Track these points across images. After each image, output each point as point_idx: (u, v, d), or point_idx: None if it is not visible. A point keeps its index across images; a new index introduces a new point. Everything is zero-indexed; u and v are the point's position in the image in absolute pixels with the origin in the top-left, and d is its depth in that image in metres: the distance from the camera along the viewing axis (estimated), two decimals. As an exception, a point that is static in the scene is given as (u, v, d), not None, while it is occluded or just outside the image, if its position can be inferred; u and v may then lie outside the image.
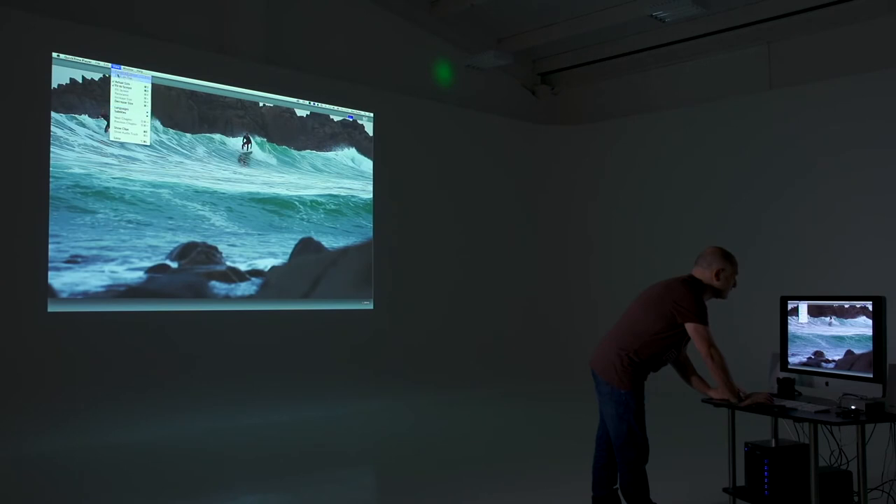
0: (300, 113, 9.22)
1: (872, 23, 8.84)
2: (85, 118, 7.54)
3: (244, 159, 8.67)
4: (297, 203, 9.08)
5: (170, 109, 8.14)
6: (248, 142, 8.74)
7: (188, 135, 8.29)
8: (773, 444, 4.11)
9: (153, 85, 8.01)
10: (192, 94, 8.32)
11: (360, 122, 9.73)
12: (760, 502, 4.03)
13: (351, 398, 8.32)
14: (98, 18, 7.69)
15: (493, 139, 11.18)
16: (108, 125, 7.69)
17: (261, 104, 8.86)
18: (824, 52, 9.25)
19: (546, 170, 11.71)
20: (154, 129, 8.02)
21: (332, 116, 9.50)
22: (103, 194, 7.58)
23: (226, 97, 8.56)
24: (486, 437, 6.79)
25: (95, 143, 7.59)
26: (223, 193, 8.47)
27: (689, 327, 3.85)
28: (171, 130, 8.15)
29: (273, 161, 8.96)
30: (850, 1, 8.83)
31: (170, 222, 7.98)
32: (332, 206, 9.42)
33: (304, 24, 9.29)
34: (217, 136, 8.49)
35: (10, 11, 7.08)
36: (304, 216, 9.13)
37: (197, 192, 8.25)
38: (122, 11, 7.91)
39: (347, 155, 9.63)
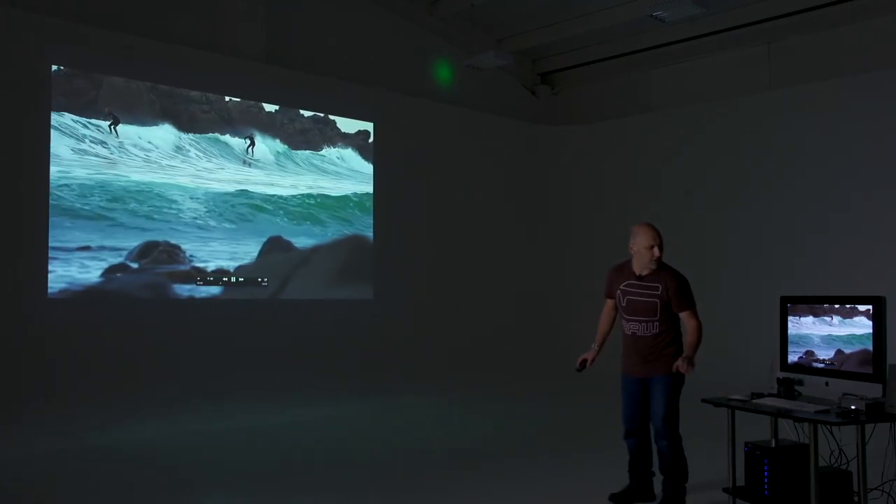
0: (312, 115, 9.23)
1: (872, 23, 8.83)
2: (75, 116, 7.52)
3: (248, 160, 8.68)
4: (295, 202, 9.08)
5: (166, 109, 8.12)
6: (253, 144, 8.74)
7: (185, 134, 8.27)
8: (773, 444, 4.11)
9: (149, 84, 8.00)
10: (190, 95, 8.29)
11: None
12: (760, 502, 4.03)
13: (351, 397, 8.30)
14: (97, 19, 7.69)
15: (493, 139, 11.18)
16: (111, 124, 7.71)
17: (258, 104, 8.87)
18: (824, 52, 9.24)
19: (546, 170, 11.70)
20: (145, 128, 8.01)
21: (330, 116, 9.49)
22: (80, 193, 7.50)
23: (223, 97, 8.54)
24: (486, 436, 6.79)
25: (77, 142, 7.53)
26: (213, 192, 8.43)
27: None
28: (160, 128, 8.08)
29: (272, 160, 8.97)
30: (850, 1, 8.83)
31: (141, 221, 7.86)
32: (330, 206, 9.42)
33: (304, 25, 9.29)
34: (215, 136, 8.48)
35: (10, 11, 7.09)
36: (297, 215, 9.12)
37: (183, 190, 8.17)
38: (121, 12, 7.91)
39: (346, 155, 9.63)
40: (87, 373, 7.25)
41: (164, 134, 8.12)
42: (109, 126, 7.69)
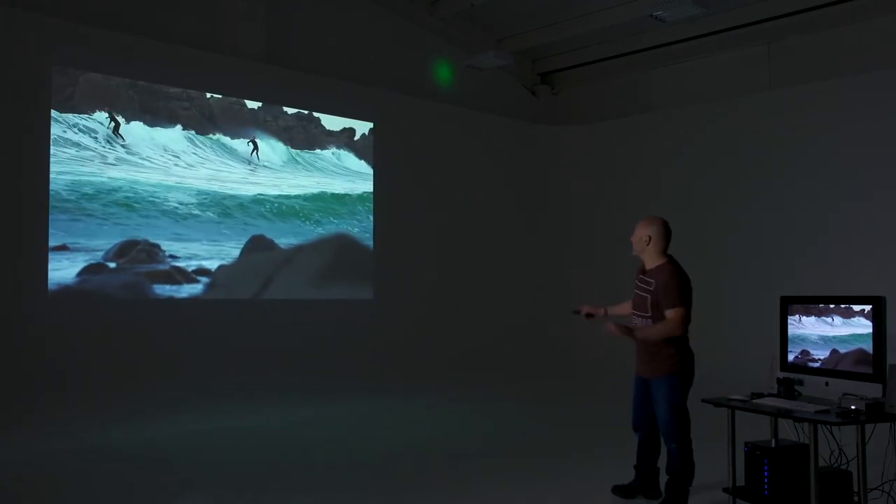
0: (296, 112, 9.21)
1: (872, 23, 8.83)
2: (68, 115, 7.52)
3: (253, 162, 8.69)
4: (287, 201, 9.08)
5: (145, 105, 8.06)
6: (256, 148, 8.73)
7: (165, 130, 8.20)
8: (773, 444, 4.11)
9: (146, 84, 7.97)
10: (169, 91, 8.21)
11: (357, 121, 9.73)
12: (760, 502, 4.03)
13: (351, 397, 8.31)
14: (97, 19, 7.69)
15: (493, 139, 11.18)
16: (115, 126, 7.71)
17: (253, 104, 8.86)
18: (824, 52, 9.24)
19: (546, 170, 11.70)
20: (143, 127, 7.99)
21: (314, 114, 9.45)
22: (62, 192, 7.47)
23: (203, 94, 8.47)
24: (486, 436, 6.79)
25: (63, 140, 7.50)
26: (208, 193, 8.41)
27: None
28: (139, 124, 8.01)
29: (274, 160, 8.96)
30: (850, 1, 8.83)
31: (122, 219, 7.81)
32: (326, 204, 9.42)
33: (304, 25, 9.29)
34: (199, 134, 8.43)
35: (9, 11, 7.09)
36: (291, 214, 9.11)
37: (168, 189, 8.14)
38: (121, 12, 7.91)
39: (343, 154, 9.63)
40: (86, 373, 7.25)
41: (143, 130, 8.02)
42: (113, 130, 7.68)
